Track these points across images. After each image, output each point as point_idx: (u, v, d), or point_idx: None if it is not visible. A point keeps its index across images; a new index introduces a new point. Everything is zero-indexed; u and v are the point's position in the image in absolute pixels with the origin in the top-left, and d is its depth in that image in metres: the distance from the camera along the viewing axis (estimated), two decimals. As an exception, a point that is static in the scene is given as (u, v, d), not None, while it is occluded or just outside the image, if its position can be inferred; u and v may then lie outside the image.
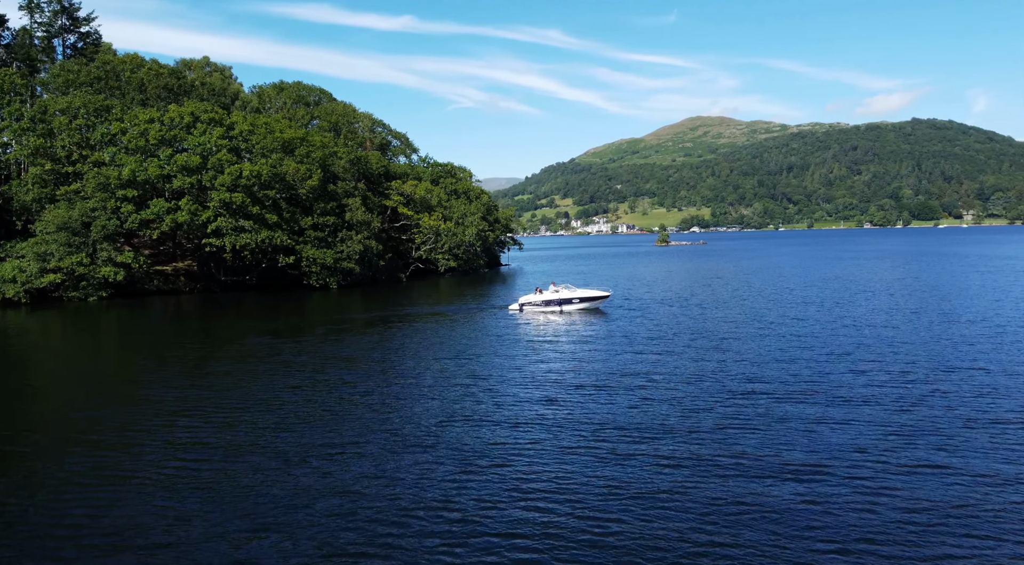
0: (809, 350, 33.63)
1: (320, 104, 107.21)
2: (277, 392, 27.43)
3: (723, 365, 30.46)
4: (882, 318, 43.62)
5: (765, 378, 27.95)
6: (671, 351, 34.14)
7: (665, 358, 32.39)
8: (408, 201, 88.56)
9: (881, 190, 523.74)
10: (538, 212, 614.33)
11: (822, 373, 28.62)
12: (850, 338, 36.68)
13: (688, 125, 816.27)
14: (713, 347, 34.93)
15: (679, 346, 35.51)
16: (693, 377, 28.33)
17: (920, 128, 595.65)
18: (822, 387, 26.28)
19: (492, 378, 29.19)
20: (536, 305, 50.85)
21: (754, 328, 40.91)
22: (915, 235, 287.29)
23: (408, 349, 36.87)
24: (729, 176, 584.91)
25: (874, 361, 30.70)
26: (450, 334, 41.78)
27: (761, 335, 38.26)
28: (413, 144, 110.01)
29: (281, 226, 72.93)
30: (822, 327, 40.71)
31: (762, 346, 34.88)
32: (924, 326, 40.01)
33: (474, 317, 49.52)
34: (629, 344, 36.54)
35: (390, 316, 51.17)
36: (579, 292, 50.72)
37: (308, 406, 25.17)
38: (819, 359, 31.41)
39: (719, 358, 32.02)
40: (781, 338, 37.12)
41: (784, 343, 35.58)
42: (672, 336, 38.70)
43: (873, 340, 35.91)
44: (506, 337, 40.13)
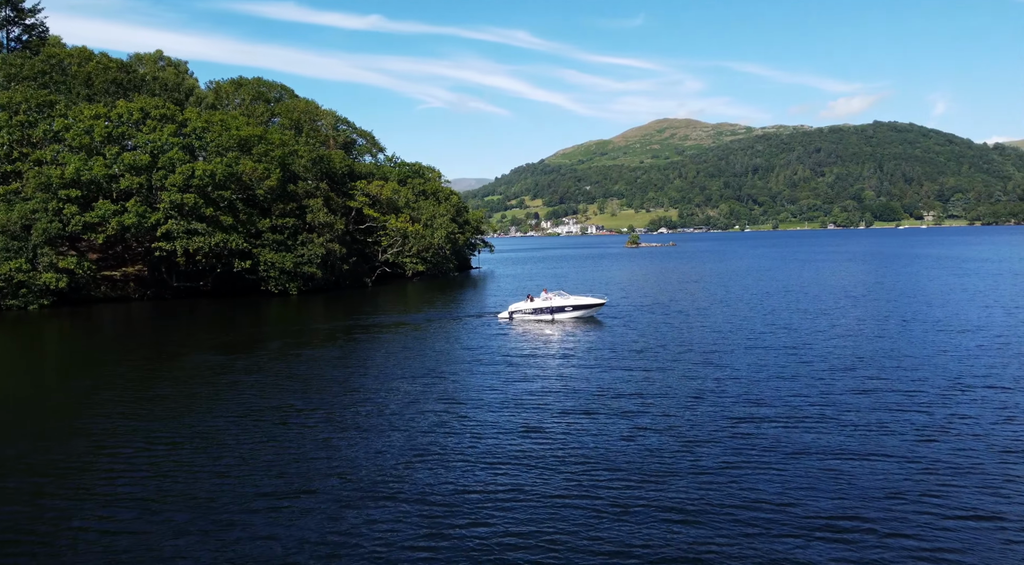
0: (807, 365, 31.18)
1: (281, 101, 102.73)
2: (219, 423, 23.91)
3: (719, 384, 27.75)
4: (874, 327, 41.55)
5: (766, 399, 25.30)
6: (661, 367, 31.37)
7: (656, 376, 29.59)
8: (374, 202, 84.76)
9: (844, 191, 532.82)
10: (508, 213, 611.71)
11: (826, 393, 26.09)
12: (846, 350, 34.39)
13: (655, 127, 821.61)
14: (704, 361, 32.27)
15: (668, 360, 32.78)
16: (689, 399, 25.55)
17: (881, 131, 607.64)
18: (830, 411, 23.70)
19: (468, 403, 26.04)
20: (526, 313, 47.93)
21: (743, 339, 38.44)
22: (879, 236, 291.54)
23: (372, 366, 33.50)
24: (696, 178, 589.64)
25: (879, 378, 28.31)
26: (420, 347, 38.49)
27: (753, 347, 35.77)
28: (379, 143, 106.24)
29: (237, 229, 68.72)
30: (814, 337, 38.42)
31: (756, 360, 32.34)
32: (920, 336, 37.97)
33: (447, 327, 46.28)
34: (617, 359, 33.70)
35: (354, 326, 47.65)
36: (572, 299, 47.91)
37: (251, 441, 21.73)
38: (819, 375, 28.93)
39: (714, 376, 29.33)
40: (774, 351, 34.66)
41: (779, 357, 33.10)
42: (658, 348, 36.00)
43: (871, 352, 33.65)
44: (484, 351, 37.00)
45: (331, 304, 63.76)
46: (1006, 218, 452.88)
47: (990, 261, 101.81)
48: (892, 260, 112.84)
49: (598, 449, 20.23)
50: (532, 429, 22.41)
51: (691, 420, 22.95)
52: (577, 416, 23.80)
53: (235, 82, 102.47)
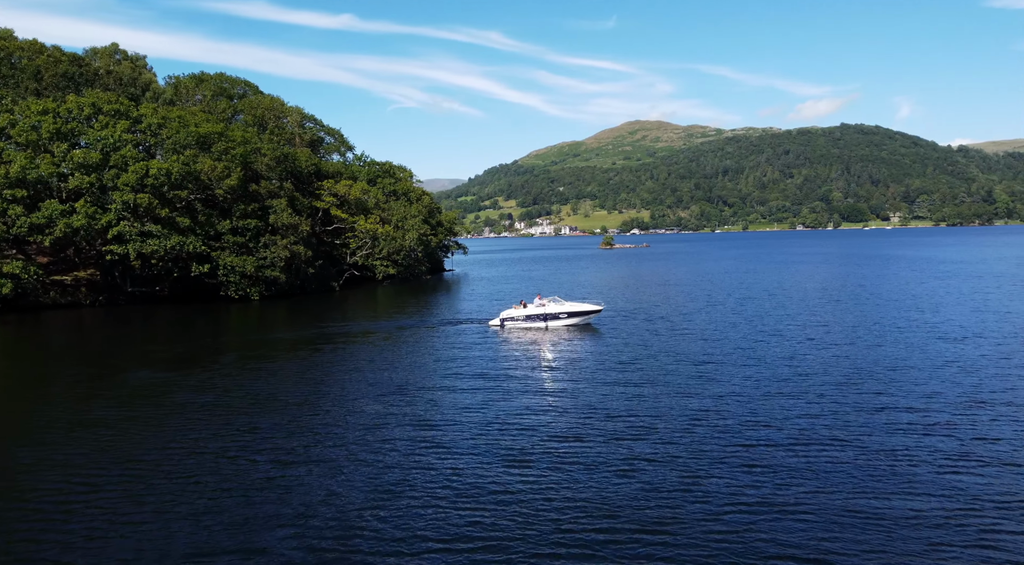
0: (807, 378, 28.94)
1: (245, 97, 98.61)
2: (153, 455, 20.78)
3: (719, 404, 25.29)
4: (869, 335, 39.62)
5: (772, 421, 22.92)
6: (654, 382, 28.85)
7: (649, 393, 27.07)
8: (342, 202, 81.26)
9: (812, 193, 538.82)
10: (482, 214, 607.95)
11: (835, 412, 23.80)
12: (845, 361, 32.27)
13: (627, 129, 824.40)
14: (699, 375, 29.84)
15: (661, 374, 30.29)
16: (688, 421, 23.05)
17: (849, 133, 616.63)
18: (843, 433, 21.39)
19: (442, 427, 23.21)
20: (519, 320, 45.21)
21: (736, 348, 36.17)
22: (849, 237, 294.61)
23: (336, 384, 30.47)
24: (667, 179, 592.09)
25: (887, 394, 26.15)
26: (391, 360, 35.52)
27: (748, 358, 33.48)
28: (348, 141, 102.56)
29: (195, 230, 64.87)
30: (808, 346, 36.31)
31: (754, 374, 30.02)
32: (919, 345, 36.07)
33: (420, 336, 43.33)
34: (607, 372, 31.12)
35: (318, 335, 44.45)
36: (567, 306, 45.23)
37: (187, 481, 18.66)
38: (823, 391, 26.68)
39: (711, 392, 26.88)
40: (771, 362, 32.41)
41: (776, 369, 30.84)
42: (648, 358, 33.51)
43: (872, 363, 31.57)
44: (462, 364, 34.17)
45: (295, 310, 60.34)
46: (970, 219, 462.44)
47: (966, 263, 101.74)
48: (868, 262, 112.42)
49: (591, 486, 17.59)
50: (516, 461, 19.69)
51: (692, 447, 20.45)
52: (567, 443, 21.13)
53: (196, 78, 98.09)
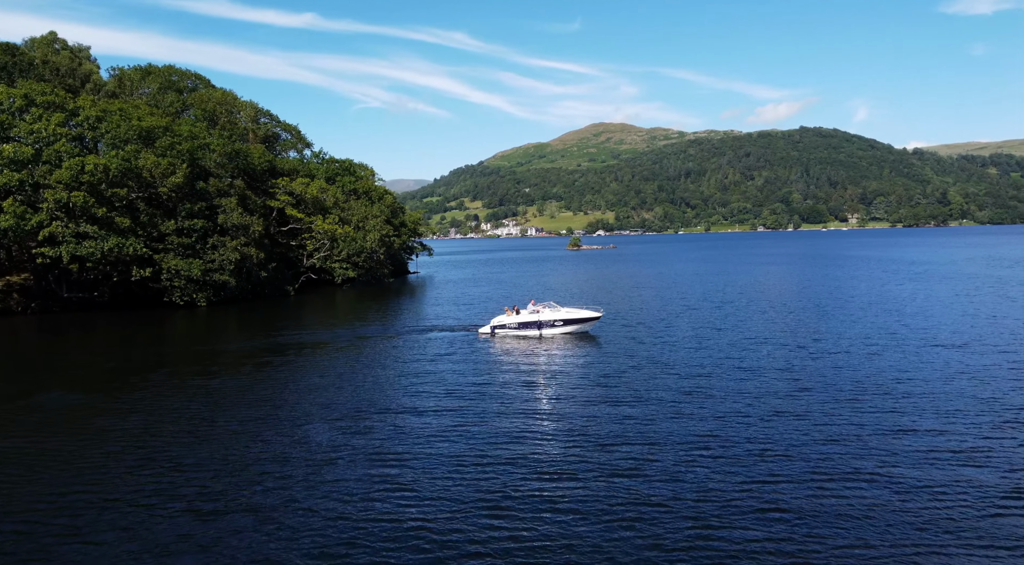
0: (809, 394, 26.11)
1: (196, 91, 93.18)
2: (55, 505, 16.79)
3: (723, 427, 22.17)
4: (863, 343, 37.14)
5: (782, 448, 19.92)
6: (646, 398, 25.65)
7: (642, 413, 23.85)
8: (298, 201, 76.67)
9: (773, 195, 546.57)
10: (448, 214, 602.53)
11: (853, 436, 20.94)
12: (844, 373, 29.59)
13: (592, 131, 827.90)
14: (696, 391, 26.76)
15: (654, 391, 27.12)
16: (691, 450, 19.89)
17: (807, 136, 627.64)
18: (870, 464, 18.51)
19: (405, 463, 19.64)
20: (511, 328, 41.67)
21: (727, 358, 33.27)
22: (810, 238, 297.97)
23: (285, 405, 26.60)
24: (631, 181, 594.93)
25: (904, 413, 23.42)
26: (349, 377, 31.71)
27: (742, 370, 30.57)
28: (306, 138, 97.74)
29: (136, 231, 59.89)
30: (802, 356, 33.63)
31: (753, 390, 27.07)
32: (918, 353, 33.68)
33: (382, 347, 39.53)
34: (593, 389, 27.85)
35: (269, 346, 40.34)
36: (563, 312, 41.62)
37: (87, 540, 14.77)
38: (833, 410, 23.85)
39: (712, 413, 23.77)
40: (767, 376, 29.54)
41: (775, 383, 27.97)
42: (632, 369, 30.38)
43: (874, 375, 28.94)
44: (431, 381, 30.53)
45: (245, 317, 55.86)
46: (926, 220, 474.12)
47: (935, 263, 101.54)
48: (837, 263, 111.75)
49: (588, 541, 14.24)
50: (496, 509, 16.24)
51: (699, 486, 17.27)
52: (557, 483, 17.76)
53: (142, 70, 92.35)
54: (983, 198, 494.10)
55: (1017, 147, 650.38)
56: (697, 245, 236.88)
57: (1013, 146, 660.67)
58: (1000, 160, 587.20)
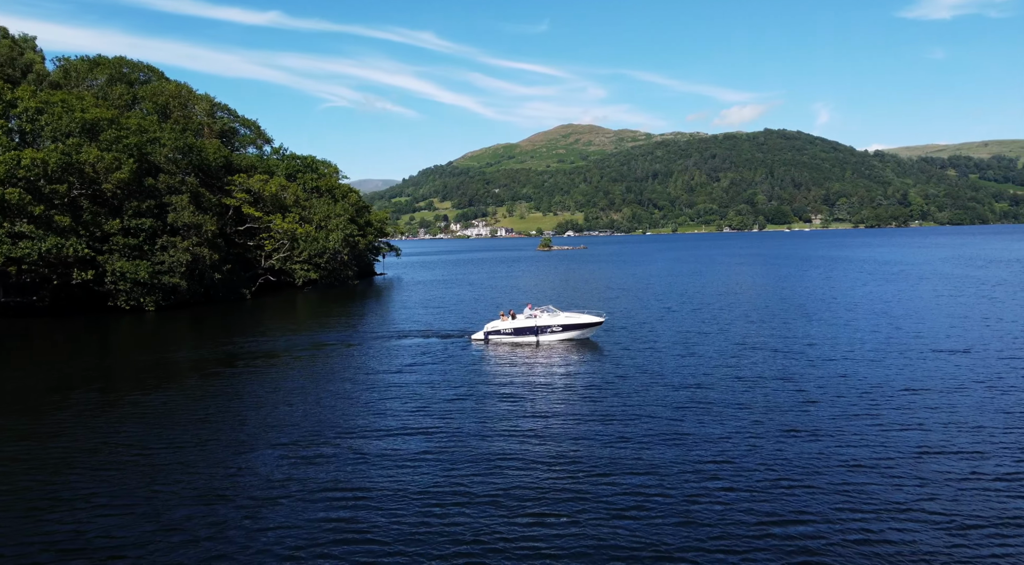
0: (816, 408, 23.64)
1: (149, 83, 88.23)
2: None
3: (728, 452, 19.46)
4: (861, 349, 34.99)
5: (798, 476, 17.30)
6: (640, 414, 22.86)
7: (638, 433, 21.05)
8: (256, 199, 72.50)
9: (738, 196, 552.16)
10: (416, 215, 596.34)
11: (876, 462, 18.44)
12: (851, 383, 27.24)
13: (560, 132, 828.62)
14: (693, 404, 24.06)
15: (650, 404, 24.36)
16: (699, 483, 17.12)
17: (772, 138, 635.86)
18: (905, 496, 15.98)
19: (370, 508, 16.48)
20: (505, 334, 38.63)
21: (720, 366, 30.74)
22: (777, 239, 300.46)
23: (230, 428, 23.21)
24: (600, 182, 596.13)
25: (927, 429, 21.05)
26: (307, 391, 28.36)
27: (739, 379, 28.00)
28: (266, 133, 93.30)
29: (77, 231, 55.41)
30: (800, 363, 31.27)
31: (754, 401, 24.48)
32: (920, 359, 31.58)
33: (344, 356, 36.17)
34: (583, 402, 24.98)
35: (219, 356, 36.69)
36: (562, 317, 38.60)
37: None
38: (847, 427, 21.38)
39: (714, 434, 21.06)
40: (767, 388, 27.01)
41: (776, 396, 25.43)
42: (618, 379, 27.62)
43: (881, 385, 26.63)
44: (398, 396, 27.35)
45: (196, 323, 51.87)
46: (887, 221, 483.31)
47: (908, 264, 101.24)
48: (811, 263, 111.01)
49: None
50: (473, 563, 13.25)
51: (717, 528, 14.49)
52: (547, 529, 14.78)
53: (90, 61, 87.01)
54: (943, 199, 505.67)
55: (975, 149, 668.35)
56: (667, 246, 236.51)
57: (971, 148, 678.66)
58: (959, 162, 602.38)
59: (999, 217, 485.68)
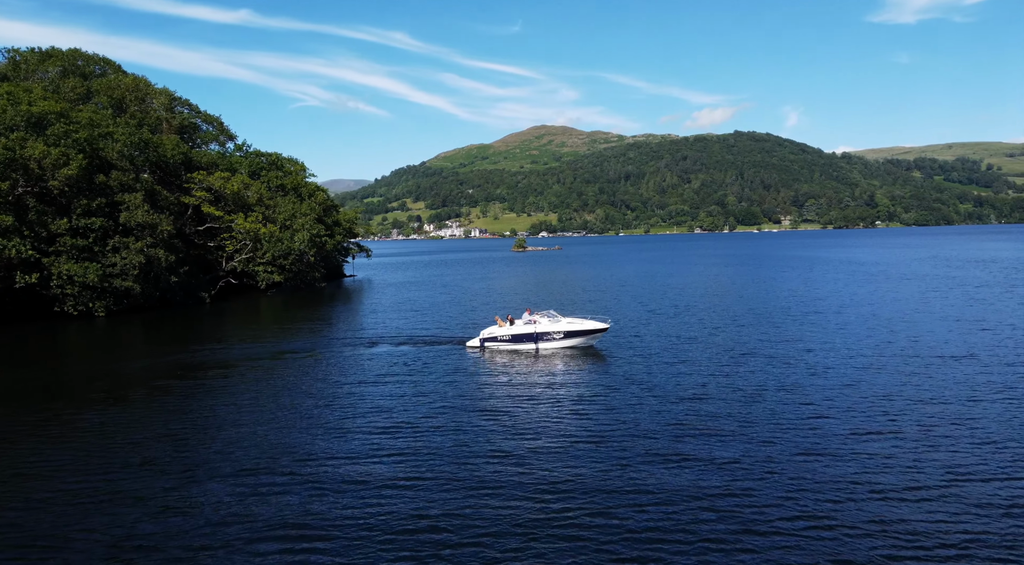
0: (829, 424, 21.52)
1: (105, 76, 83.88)
2: None
3: (738, 480, 17.13)
4: (858, 357, 33.11)
5: (821, 509, 15.03)
6: (636, 432, 20.48)
7: (640, 454, 18.65)
8: (217, 198, 68.84)
9: (709, 197, 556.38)
10: (389, 215, 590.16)
11: (911, 499, 16.27)
12: (856, 393, 25.23)
13: (534, 133, 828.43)
14: (688, 421, 21.77)
15: (640, 419, 22.00)
16: (712, 524, 14.78)
17: (742, 140, 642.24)
18: (959, 537, 13.77)
19: (333, 548, 13.78)
20: (502, 341, 35.98)
21: (714, 375, 28.55)
22: (749, 239, 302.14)
23: (172, 453, 20.28)
24: (573, 183, 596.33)
25: (953, 450, 19.02)
26: (265, 409, 25.46)
27: (738, 393, 25.80)
28: (229, 130, 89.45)
29: (21, 231, 51.53)
30: (801, 375, 29.21)
31: (761, 418, 22.28)
32: (923, 367, 29.74)
33: (308, 367, 33.27)
34: (568, 419, 22.52)
35: (170, 366, 33.53)
36: (564, 323, 35.78)
37: None
38: (865, 449, 19.27)
39: (721, 456, 18.73)
40: (772, 402, 24.83)
41: (783, 412, 23.26)
42: (610, 392, 25.26)
43: (890, 394, 24.65)
44: (367, 415, 24.60)
45: (150, 329, 48.38)
46: (855, 222, 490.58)
47: (885, 264, 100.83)
48: (788, 264, 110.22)
49: None
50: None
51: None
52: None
53: (42, 53, 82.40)
54: (908, 200, 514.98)
55: (939, 151, 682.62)
56: (640, 247, 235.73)
57: (935, 150, 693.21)
58: (924, 164, 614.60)
59: (964, 218, 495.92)
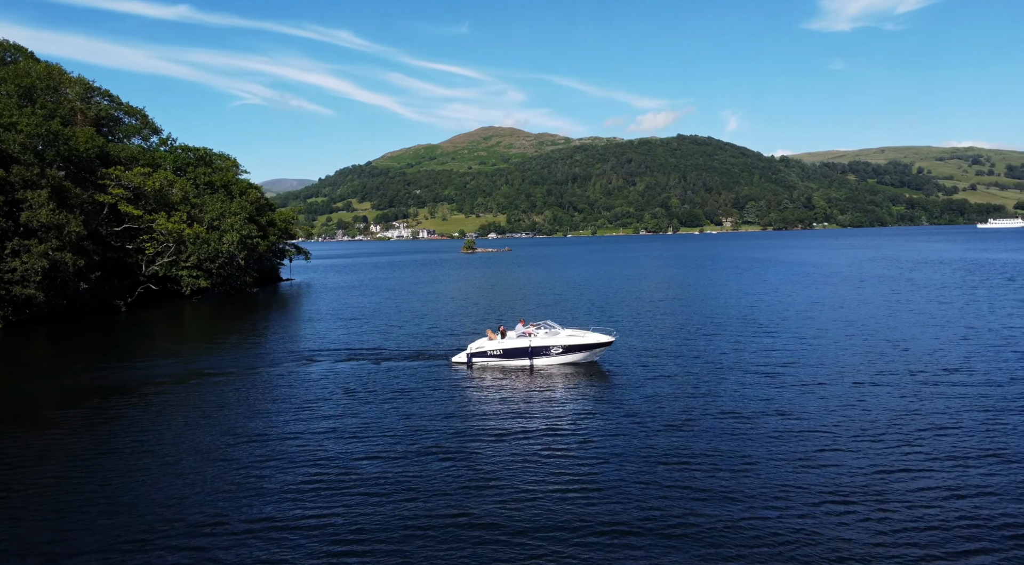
0: (846, 458, 18.40)
1: (16, 64, 76.06)
2: None
3: (762, 544, 13.78)
4: (855, 371, 30.47)
5: None
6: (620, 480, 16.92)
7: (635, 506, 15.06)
8: (137, 196, 62.58)
9: (653, 199, 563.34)
10: (334, 216, 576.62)
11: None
12: (873, 417, 22.35)
13: (482, 134, 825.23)
14: (676, 453, 18.35)
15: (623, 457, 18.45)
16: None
17: (684, 144, 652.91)
18: None
19: None
20: (493, 356, 31.95)
21: (688, 391, 25.33)
22: (695, 241, 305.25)
23: (47, 513, 15.65)
24: (521, 185, 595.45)
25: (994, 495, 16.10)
26: (177, 445, 20.86)
27: (729, 417, 22.57)
28: (154, 123, 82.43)
29: None
30: (794, 394, 26.28)
31: (757, 453, 19.03)
32: (921, 381, 27.23)
33: (234, 389, 28.59)
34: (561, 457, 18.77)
35: (64, 389, 28.37)
36: (564, 336, 31.78)
37: None
38: (888, 489, 16.19)
39: (726, 484, 15.33)
40: (773, 428, 21.68)
41: (789, 442, 20.11)
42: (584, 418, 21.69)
43: (904, 412, 21.86)
44: (301, 456, 20.30)
45: (53, 343, 42.48)
46: (793, 223, 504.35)
47: (837, 266, 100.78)
48: (740, 266, 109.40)
49: None
50: None
51: None
52: None
53: (-60, 38, 74.25)
54: (844, 203, 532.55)
55: (873, 155, 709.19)
56: (589, 249, 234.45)
57: (869, 154, 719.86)
58: (858, 167, 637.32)
59: (896, 219, 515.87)
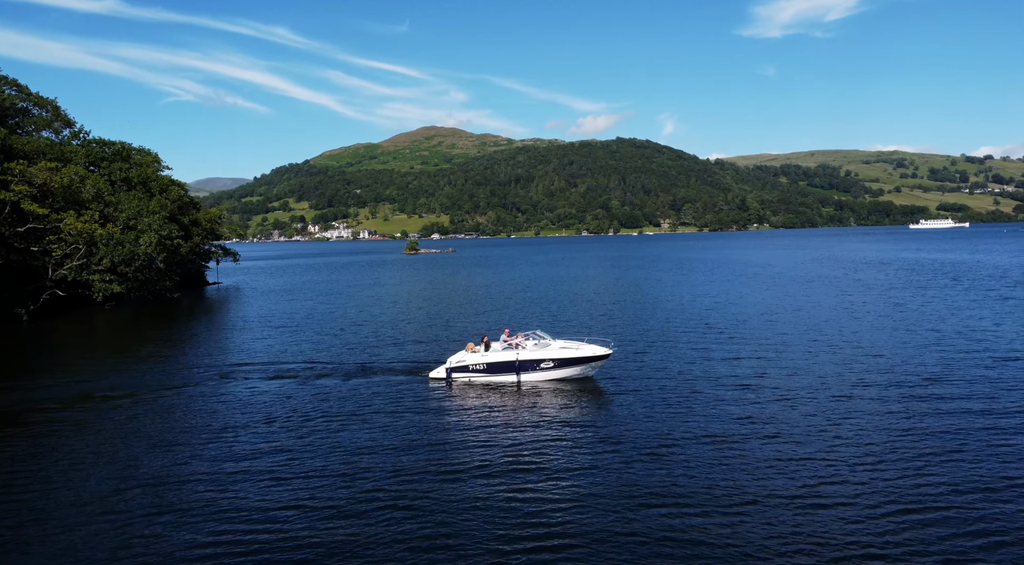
0: (862, 490, 16.05)
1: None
2: None
3: None
4: (840, 382, 28.61)
5: None
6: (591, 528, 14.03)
7: None
8: (43, 193, 56.41)
9: (594, 201, 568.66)
10: (270, 215, 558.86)
11: None
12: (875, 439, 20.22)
13: (423, 134, 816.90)
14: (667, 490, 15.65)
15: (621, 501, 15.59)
16: None
17: (623, 147, 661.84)
18: None
19: None
20: (476, 370, 28.25)
21: (665, 407, 22.79)
22: (637, 242, 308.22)
23: None
24: (464, 185, 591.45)
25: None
26: (72, 489, 16.84)
27: (715, 441, 20.07)
28: (67, 115, 75.47)
29: None
30: (778, 408, 24.08)
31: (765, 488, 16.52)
32: (907, 394, 25.49)
33: (146, 411, 24.46)
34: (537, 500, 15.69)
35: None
36: (556, 348, 28.20)
37: None
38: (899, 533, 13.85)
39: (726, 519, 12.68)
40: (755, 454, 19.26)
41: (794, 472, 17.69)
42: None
43: (901, 436, 19.84)
44: (220, 501, 16.62)
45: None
46: (728, 225, 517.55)
47: (782, 266, 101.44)
48: (686, 266, 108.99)
49: None
50: None
51: None
52: None
53: None
54: (777, 204, 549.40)
55: (803, 159, 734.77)
56: (534, 249, 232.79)
57: (800, 157, 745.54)
58: (789, 170, 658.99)
59: (826, 220, 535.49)
